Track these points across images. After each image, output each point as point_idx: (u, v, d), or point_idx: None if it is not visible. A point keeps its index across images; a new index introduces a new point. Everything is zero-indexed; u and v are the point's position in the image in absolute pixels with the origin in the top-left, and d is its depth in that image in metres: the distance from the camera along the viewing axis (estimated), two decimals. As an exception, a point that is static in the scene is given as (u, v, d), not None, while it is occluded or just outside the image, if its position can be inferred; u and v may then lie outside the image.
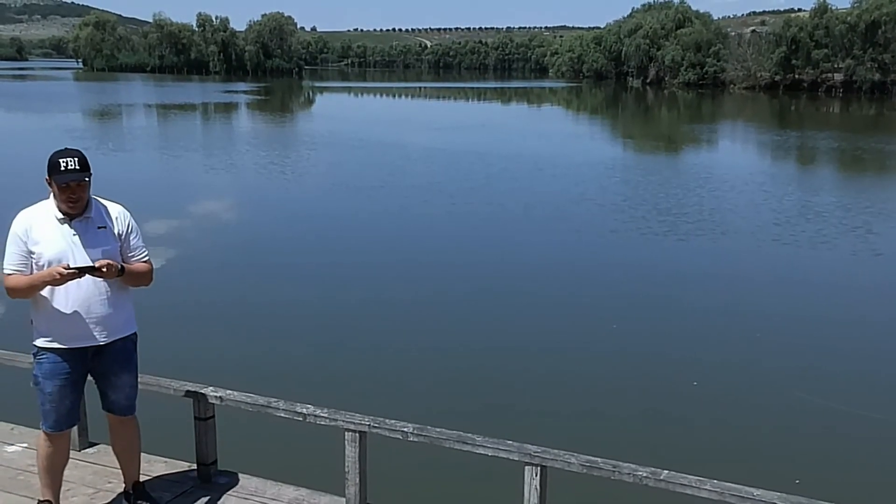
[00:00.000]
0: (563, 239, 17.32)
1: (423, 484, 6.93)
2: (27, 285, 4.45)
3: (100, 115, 53.42)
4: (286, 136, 42.09)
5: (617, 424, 8.43)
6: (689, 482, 4.24)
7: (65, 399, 4.62)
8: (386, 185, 23.92)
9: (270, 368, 9.51)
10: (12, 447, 5.76)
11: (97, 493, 5.13)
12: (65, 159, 4.39)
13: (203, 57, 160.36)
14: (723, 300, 13.03)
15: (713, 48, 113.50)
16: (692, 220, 18.93)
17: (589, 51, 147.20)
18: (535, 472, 4.47)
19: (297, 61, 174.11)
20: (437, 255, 16.03)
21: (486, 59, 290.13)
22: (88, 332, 4.55)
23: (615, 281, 14.20)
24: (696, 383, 9.47)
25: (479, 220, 19.27)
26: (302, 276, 14.32)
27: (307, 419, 5.05)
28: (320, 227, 18.70)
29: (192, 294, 12.85)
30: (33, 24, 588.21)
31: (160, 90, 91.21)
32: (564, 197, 22.15)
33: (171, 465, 5.50)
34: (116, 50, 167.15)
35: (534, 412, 8.69)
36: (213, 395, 5.25)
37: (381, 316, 12.09)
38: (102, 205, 4.66)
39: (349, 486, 4.93)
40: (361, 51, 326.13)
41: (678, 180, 25.61)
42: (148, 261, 4.79)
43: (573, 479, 4.68)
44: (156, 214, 17.46)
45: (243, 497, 5.13)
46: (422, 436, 4.76)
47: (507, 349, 10.71)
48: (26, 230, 4.47)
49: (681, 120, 60.24)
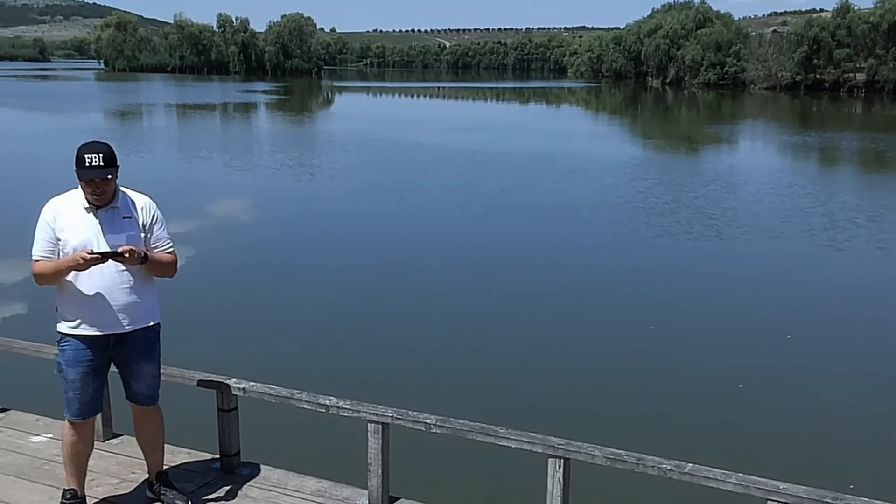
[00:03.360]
0: (597, 239, 17.24)
1: (446, 476, 6.92)
2: (53, 270, 4.50)
3: (121, 115, 53.78)
4: (307, 136, 42.16)
5: (641, 418, 8.40)
6: (713, 475, 4.20)
7: (88, 387, 4.65)
8: (415, 185, 23.81)
9: (293, 362, 9.54)
10: (38, 437, 5.80)
11: (121, 483, 5.16)
12: (90, 155, 4.41)
13: (223, 57, 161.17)
14: (760, 303, 12.87)
15: (734, 48, 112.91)
16: (736, 224, 18.66)
17: (608, 51, 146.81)
18: (558, 465, 4.45)
19: (316, 62, 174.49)
20: (465, 252, 15.99)
21: (505, 60, 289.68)
22: (111, 318, 4.57)
23: (652, 281, 14.08)
24: (741, 385, 9.34)
25: (511, 219, 19.15)
26: (326, 272, 14.36)
27: (330, 411, 5.05)
28: (346, 225, 18.67)
29: (215, 289, 12.94)
30: (55, 26, 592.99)
31: (181, 90, 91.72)
32: (599, 198, 21.89)
33: (194, 455, 5.51)
34: (137, 50, 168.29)
35: (557, 405, 8.68)
36: (236, 386, 5.27)
37: (406, 311, 12.14)
38: (129, 196, 4.70)
39: (372, 477, 4.92)
40: (380, 51, 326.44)
41: (716, 182, 25.31)
42: (172, 251, 4.80)
43: (597, 472, 4.66)
44: (178, 213, 17.44)
45: (266, 488, 5.13)
46: (445, 427, 4.75)
47: (532, 343, 10.73)
48: (54, 217, 4.52)
49: (702, 120, 59.91)
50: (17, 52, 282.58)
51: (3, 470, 5.32)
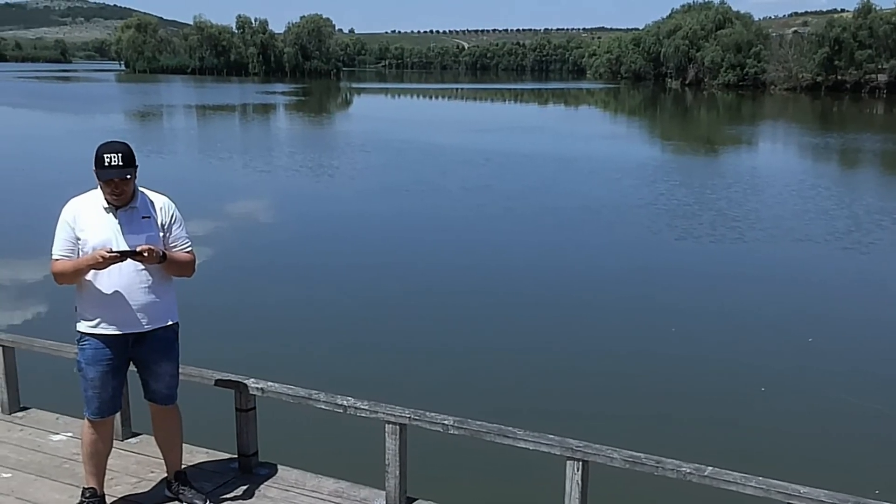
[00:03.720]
0: (619, 241, 17.07)
1: (464, 477, 6.90)
2: (72, 269, 4.52)
3: (141, 116, 54.12)
4: (326, 138, 42.22)
5: (660, 421, 8.35)
6: (733, 479, 4.17)
7: (107, 385, 4.67)
8: (435, 186, 23.72)
9: (311, 362, 9.57)
10: (57, 436, 5.84)
11: (140, 482, 5.18)
12: (109, 155, 4.43)
13: (242, 58, 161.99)
14: (783, 305, 12.75)
15: (754, 49, 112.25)
16: (759, 227, 18.47)
17: (627, 52, 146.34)
18: (576, 467, 4.42)
19: (335, 63, 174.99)
20: (485, 254, 15.92)
21: (524, 61, 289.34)
22: (130, 317, 4.59)
23: (674, 283, 14.01)
24: (763, 389, 9.26)
25: (532, 221, 19.05)
26: (345, 273, 14.38)
27: (347, 411, 5.05)
28: (365, 226, 18.67)
29: (233, 289, 12.99)
30: (76, 27, 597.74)
31: (200, 91, 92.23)
32: (620, 200, 21.72)
33: (212, 455, 5.53)
34: (158, 52, 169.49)
35: (576, 407, 8.65)
36: (254, 386, 5.27)
37: (424, 312, 12.15)
38: (148, 196, 4.72)
39: (389, 478, 4.92)
40: (399, 52, 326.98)
41: (738, 184, 25.09)
42: (191, 251, 4.82)
43: (615, 475, 4.63)
44: (197, 214, 17.58)
45: (283, 488, 5.14)
46: (462, 429, 4.74)
47: (551, 345, 10.71)
48: (74, 217, 4.54)
49: (722, 122, 59.59)
50: (38, 54, 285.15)
51: (24, 468, 5.35)
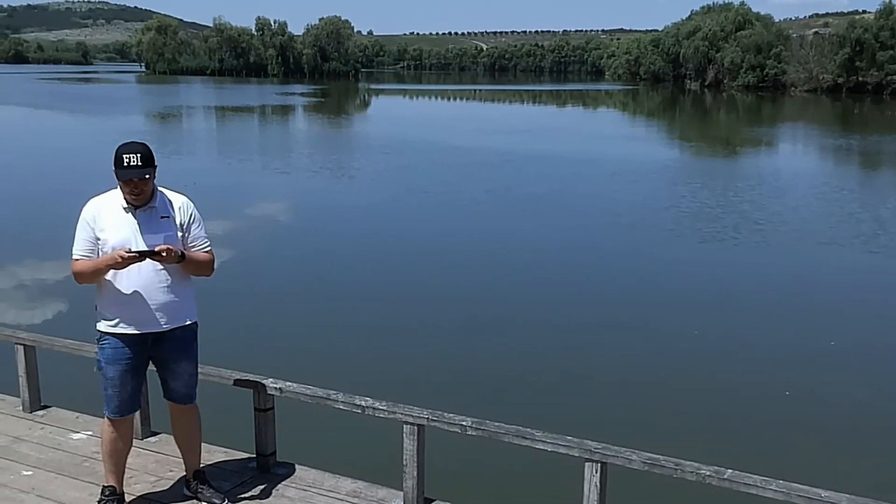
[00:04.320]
0: (641, 244, 16.90)
1: (482, 478, 6.88)
2: (92, 269, 4.55)
3: (161, 117, 54.44)
4: (346, 139, 42.29)
5: (679, 422, 8.31)
6: (753, 482, 4.13)
7: (126, 384, 4.70)
8: (456, 188, 23.58)
9: (329, 362, 9.56)
10: (77, 435, 5.87)
11: (159, 480, 5.20)
12: (128, 155, 4.45)
13: (261, 60, 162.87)
14: (808, 309, 12.70)
15: (774, 50, 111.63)
16: (784, 230, 18.29)
17: (646, 53, 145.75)
18: (595, 469, 4.40)
19: (353, 64, 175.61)
20: (505, 256, 15.84)
21: (542, 62, 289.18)
22: (149, 317, 4.62)
23: (697, 286, 13.91)
24: (788, 393, 9.19)
25: (553, 223, 18.91)
26: (364, 274, 14.39)
27: (366, 412, 5.05)
28: (386, 228, 18.65)
29: (252, 289, 13.03)
30: (98, 29, 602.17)
31: (220, 93, 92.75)
32: (642, 202, 21.53)
33: (230, 454, 5.54)
34: (178, 54, 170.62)
35: (595, 408, 8.63)
36: (272, 386, 5.29)
37: (443, 313, 12.12)
38: (167, 195, 4.73)
39: (407, 479, 4.91)
40: (417, 54, 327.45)
41: (761, 187, 24.89)
42: (209, 251, 4.83)
43: (634, 477, 4.60)
44: (217, 214, 17.61)
45: (301, 488, 5.14)
46: (480, 430, 4.72)
47: (570, 346, 10.69)
48: (94, 217, 4.57)
49: (743, 123, 59.28)
50: (60, 56, 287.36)
51: (45, 466, 5.39)
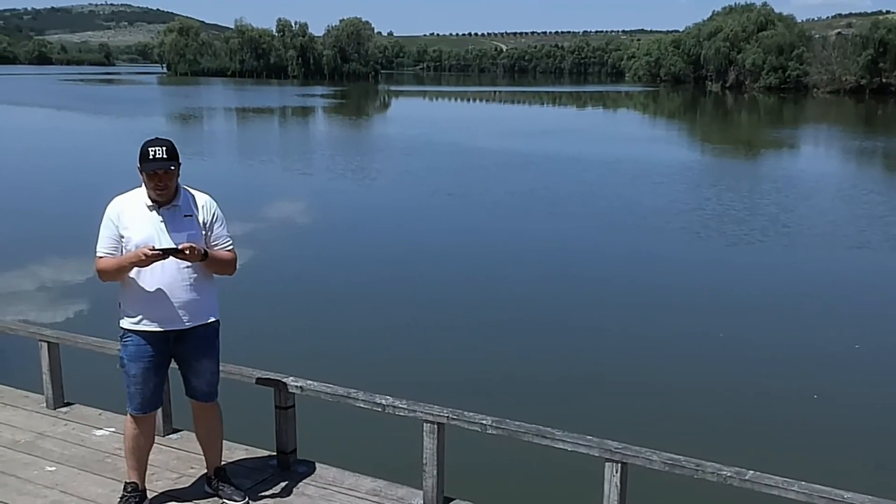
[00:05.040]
0: (667, 246, 16.81)
1: (502, 477, 6.89)
2: (116, 267, 4.58)
3: (183, 118, 54.75)
4: (367, 140, 42.34)
5: (701, 423, 8.29)
6: (775, 483, 4.10)
7: (149, 381, 4.73)
8: (478, 190, 23.47)
9: (350, 361, 9.59)
10: (100, 431, 5.93)
11: (180, 477, 5.24)
12: (153, 148, 4.51)
13: (282, 61, 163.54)
14: (836, 311, 12.62)
15: (796, 51, 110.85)
16: (812, 233, 18.18)
17: (667, 54, 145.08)
18: (615, 469, 4.39)
19: (373, 65, 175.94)
20: (527, 258, 15.84)
21: (562, 64, 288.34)
22: (171, 315, 4.65)
23: (722, 288, 13.83)
24: (816, 396, 9.12)
25: (577, 225, 18.88)
26: (385, 274, 14.45)
27: (386, 410, 5.06)
28: (408, 229, 18.73)
29: (274, 288, 13.13)
30: (120, 31, 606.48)
31: (240, 94, 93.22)
32: (667, 204, 21.41)
33: (251, 452, 5.57)
34: (199, 55, 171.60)
35: (615, 408, 8.61)
36: (293, 384, 5.31)
37: (463, 312, 12.14)
38: (191, 194, 4.77)
39: (427, 478, 4.91)
40: (437, 55, 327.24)
41: (788, 189, 24.74)
42: (232, 250, 4.86)
43: (654, 477, 4.59)
44: (239, 215, 17.57)
45: (321, 486, 5.16)
46: (500, 429, 4.72)
47: (591, 346, 10.70)
48: (118, 215, 4.60)
49: (766, 125, 58.87)
50: (83, 57, 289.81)
51: (68, 462, 5.44)
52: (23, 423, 6.07)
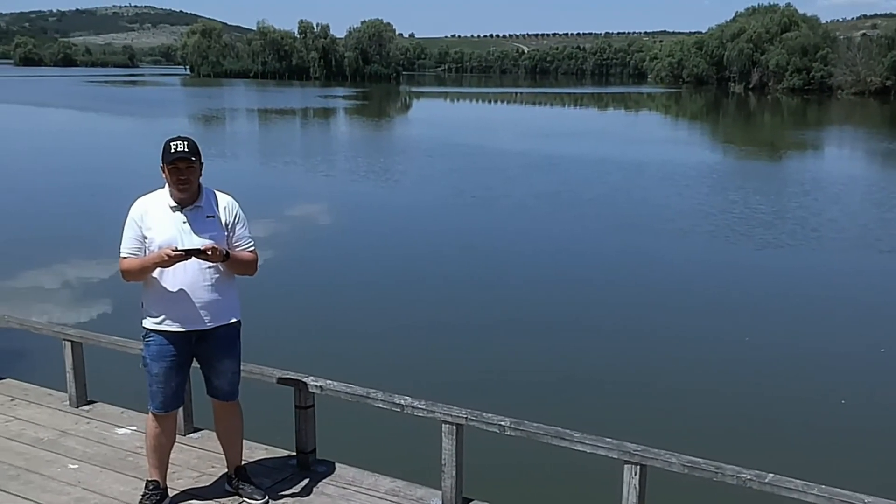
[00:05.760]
0: (696, 249, 16.69)
1: (520, 479, 6.90)
2: (139, 267, 4.64)
3: (206, 119, 55.06)
4: (389, 142, 42.30)
5: (721, 425, 8.26)
6: (795, 486, 4.09)
7: (171, 381, 4.78)
8: (502, 193, 23.35)
9: (369, 361, 9.63)
10: (122, 430, 5.99)
11: (201, 476, 5.28)
12: (175, 143, 4.59)
13: (304, 63, 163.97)
14: (863, 317, 12.47)
15: (820, 52, 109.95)
16: (843, 237, 17.97)
17: (689, 56, 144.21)
18: (634, 471, 4.39)
19: (395, 67, 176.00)
20: (551, 260, 15.82)
21: (584, 65, 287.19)
22: (193, 315, 4.69)
23: (750, 291, 13.68)
24: (843, 401, 9.05)
25: (603, 228, 18.76)
26: (405, 275, 14.50)
27: (405, 410, 5.08)
28: (431, 230, 18.73)
29: (294, 290, 13.20)
30: (144, 33, 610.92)
31: (262, 95, 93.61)
32: (694, 207, 21.25)
33: (271, 451, 5.61)
34: (222, 57, 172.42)
35: (634, 410, 8.58)
36: (313, 384, 5.34)
37: (483, 314, 12.15)
38: (213, 195, 4.81)
39: (445, 478, 4.93)
40: (458, 56, 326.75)
41: (816, 192, 24.50)
42: (253, 251, 4.89)
43: (673, 480, 4.57)
44: (261, 215, 17.63)
45: (341, 486, 5.19)
46: (519, 430, 4.73)
47: (611, 348, 10.67)
48: (141, 215, 4.65)
49: (791, 126, 58.35)
50: (107, 59, 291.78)
51: (90, 460, 5.50)
52: (46, 420, 6.15)
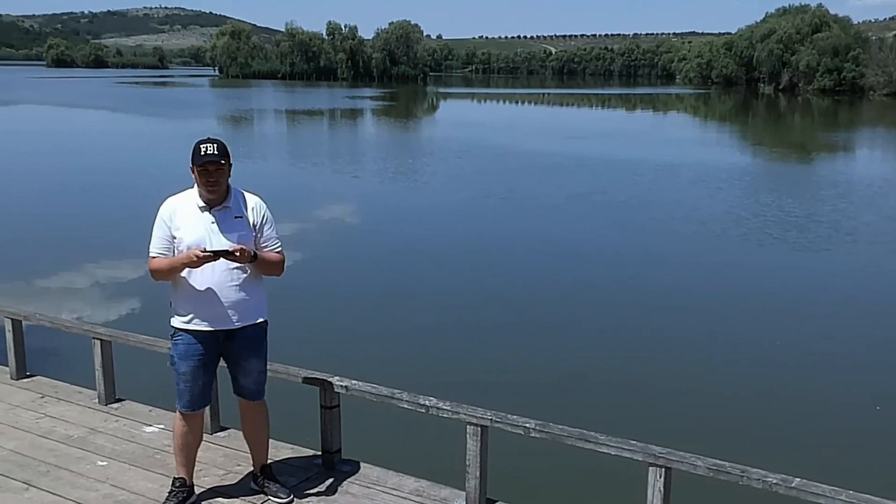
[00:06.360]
0: (728, 253, 16.48)
1: (544, 481, 6.88)
2: (168, 267, 4.68)
3: (234, 120, 55.42)
4: (417, 143, 42.32)
5: (747, 428, 8.20)
6: (822, 491, 4.05)
7: (198, 379, 4.82)
8: (532, 194, 23.29)
9: (394, 362, 9.67)
10: (150, 428, 6.05)
11: (227, 474, 5.32)
12: (205, 145, 4.64)
13: (331, 64, 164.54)
14: (894, 322, 12.37)
15: (852, 53, 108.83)
16: (881, 241, 17.74)
17: (718, 56, 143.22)
18: (659, 474, 4.37)
19: (422, 68, 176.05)
20: (579, 262, 15.78)
21: (612, 66, 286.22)
22: (221, 315, 4.73)
23: (784, 295, 13.59)
24: (878, 408, 8.95)
25: (635, 231, 18.48)
26: (432, 277, 14.54)
27: (430, 411, 5.10)
28: (459, 232, 18.65)
29: (321, 290, 13.27)
30: (174, 35, 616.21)
31: (290, 96, 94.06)
32: (727, 210, 21.04)
33: (296, 451, 5.65)
34: (250, 58, 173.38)
35: (659, 412, 8.55)
36: (338, 384, 5.37)
37: (509, 315, 12.15)
38: (242, 195, 4.85)
39: (469, 479, 4.94)
40: (486, 57, 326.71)
41: (851, 195, 24.20)
42: (280, 251, 4.93)
43: (698, 483, 4.55)
44: (288, 216, 17.63)
45: (365, 486, 5.21)
46: (544, 432, 4.73)
47: (639, 350, 10.63)
48: (171, 215, 4.70)
49: (823, 128, 57.71)
50: (138, 60, 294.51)
51: (119, 457, 5.56)
52: (76, 418, 6.23)
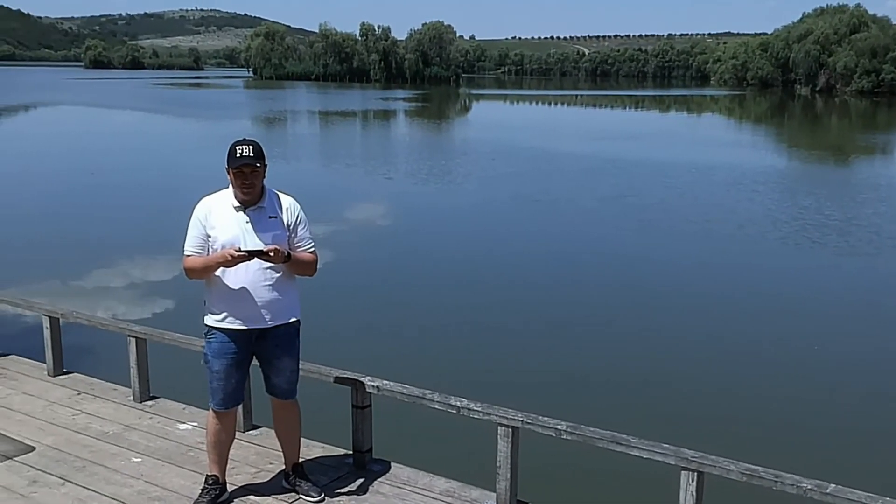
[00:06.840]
0: (765, 256, 16.26)
1: (575, 483, 6.87)
2: (202, 266, 4.73)
3: (268, 121, 55.80)
4: (451, 145, 42.28)
5: (781, 433, 8.11)
6: (857, 497, 3.99)
7: (231, 378, 4.86)
8: (565, 196, 23.17)
9: (426, 362, 9.70)
10: (183, 425, 6.11)
11: (259, 472, 5.37)
12: (241, 147, 4.67)
13: (364, 65, 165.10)
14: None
15: (891, 54, 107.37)
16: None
17: (754, 57, 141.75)
18: (691, 478, 4.34)
19: (455, 69, 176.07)
20: (612, 265, 15.66)
21: (645, 67, 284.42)
22: (254, 314, 4.76)
23: (824, 300, 13.50)
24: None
25: (670, 234, 18.35)
26: (462, 277, 14.51)
27: (461, 412, 5.10)
28: (492, 234, 18.59)
29: (353, 290, 13.28)
30: (209, 36, 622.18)
31: (324, 97, 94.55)
32: (764, 213, 20.75)
33: (328, 450, 5.67)
34: (284, 59, 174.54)
35: (692, 415, 8.49)
36: (370, 384, 5.38)
37: (541, 317, 12.13)
38: (276, 196, 4.89)
39: (500, 480, 4.93)
40: (518, 59, 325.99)
41: (892, 199, 23.85)
42: (314, 252, 4.95)
43: (731, 487, 4.51)
44: (322, 217, 17.65)
45: (396, 486, 5.22)
46: (575, 434, 4.71)
47: (670, 353, 10.56)
48: (206, 215, 4.75)
49: (862, 130, 56.85)
50: (173, 62, 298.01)
51: (153, 454, 5.63)
52: (111, 415, 6.31)
